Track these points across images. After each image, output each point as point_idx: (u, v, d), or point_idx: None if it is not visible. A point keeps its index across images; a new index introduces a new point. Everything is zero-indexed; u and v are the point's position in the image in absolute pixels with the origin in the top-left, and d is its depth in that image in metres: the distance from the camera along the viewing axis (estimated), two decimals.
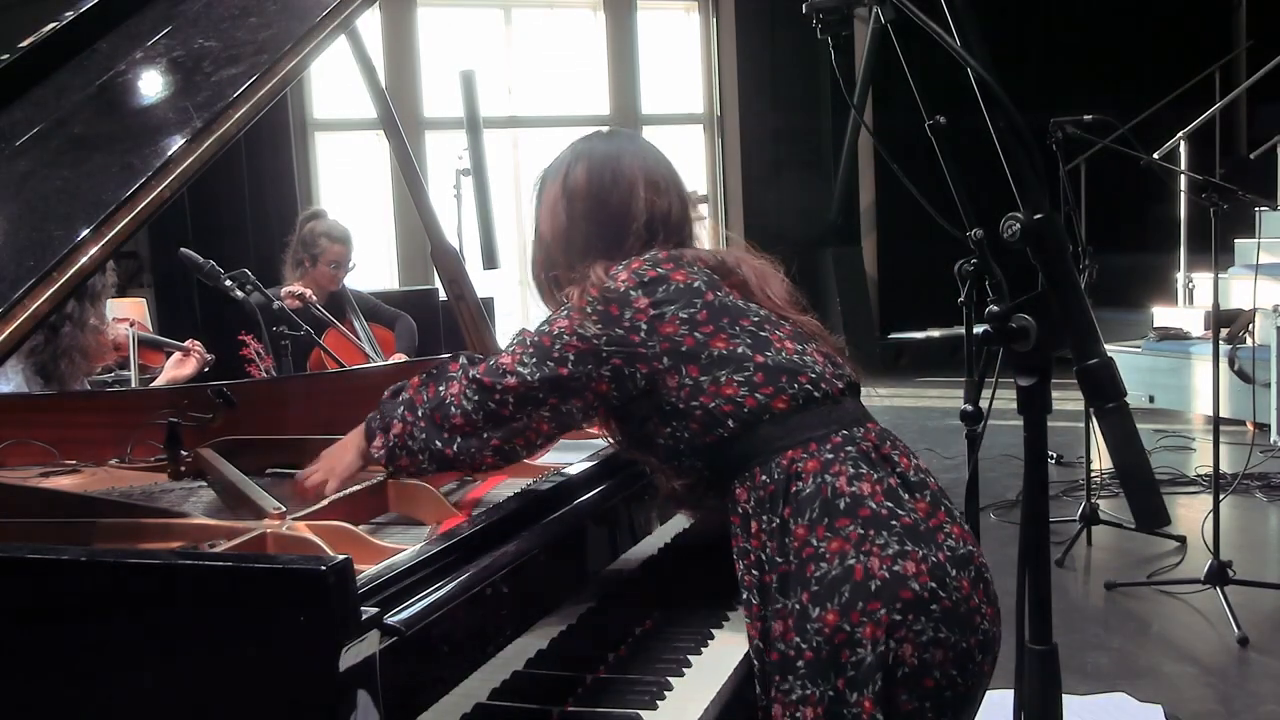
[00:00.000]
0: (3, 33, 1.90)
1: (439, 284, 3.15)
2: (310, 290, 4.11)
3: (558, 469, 1.90)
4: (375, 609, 1.22)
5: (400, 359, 4.14)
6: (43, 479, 2.13)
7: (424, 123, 8.51)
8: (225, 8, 1.94)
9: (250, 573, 1.20)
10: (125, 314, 3.66)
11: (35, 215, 1.59)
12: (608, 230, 1.78)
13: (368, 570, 1.33)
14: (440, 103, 8.43)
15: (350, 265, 4.41)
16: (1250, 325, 6.37)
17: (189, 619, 1.20)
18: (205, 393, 2.35)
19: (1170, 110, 6.40)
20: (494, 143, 7.62)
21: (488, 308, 3.36)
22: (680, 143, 9.52)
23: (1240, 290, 6.54)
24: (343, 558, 1.17)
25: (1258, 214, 7.11)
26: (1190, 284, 7.51)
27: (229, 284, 3.37)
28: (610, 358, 1.65)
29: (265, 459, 2.19)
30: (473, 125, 5.20)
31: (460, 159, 5.25)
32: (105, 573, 1.24)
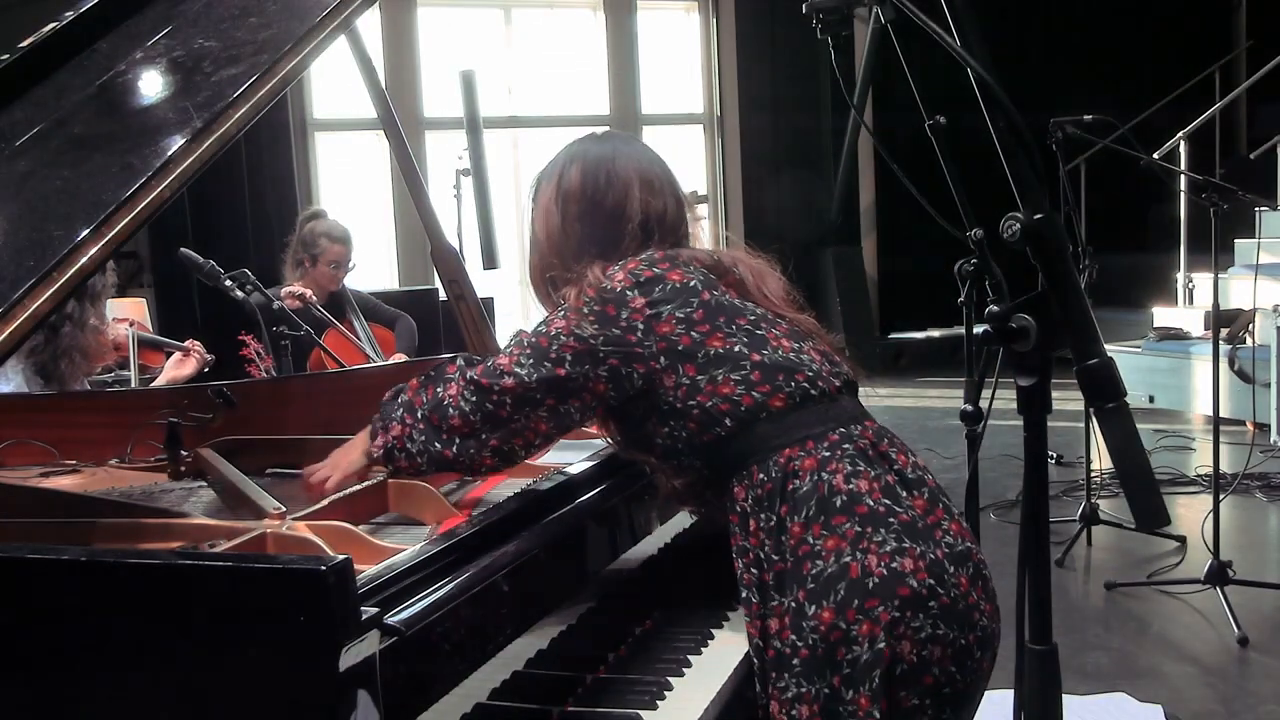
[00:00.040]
0: (3, 33, 1.90)
1: (439, 284, 3.15)
2: (310, 290, 4.11)
3: (558, 469, 1.90)
4: (375, 609, 1.22)
5: (400, 359, 4.14)
6: (43, 479, 2.13)
7: (424, 123, 8.50)
8: (225, 8, 1.94)
9: (250, 573, 1.20)
10: (125, 314, 3.66)
11: (35, 215, 1.59)
12: (603, 231, 1.78)
13: (368, 570, 1.33)
14: (440, 103, 8.42)
15: (350, 265, 4.41)
16: (1250, 325, 6.37)
17: (189, 619, 1.20)
18: (205, 393, 2.35)
19: (1170, 110, 6.40)
20: (494, 143, 7.62)
21: (488, 308, 3.35)
22: (680, 143, 9.51)
23: (1240, 290, 6.54)
24: (343, 558, 1.17)
25: (1258, 214, 7.12)
26: (1190, 284, 7.50)
27: (229, 284, 3.36)
28: (607, 358, 1.65)
29: (265, 459, 2.19)
30: (473, 125, 5.19)
31: (460, 159, 5.24)
32: (105, 573, 1.24)
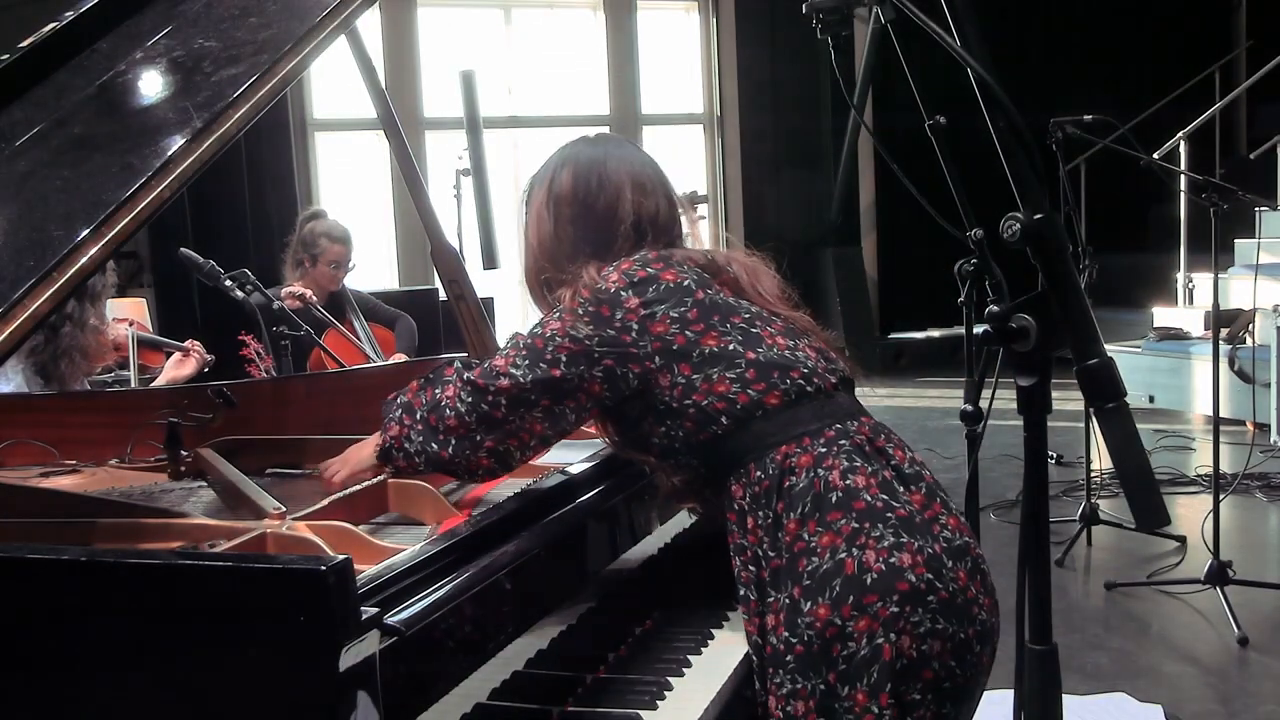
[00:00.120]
0: (3, 33, 1.90)
1: (439, 284, 3.14)
2: (310, 290, 4.11)
3: (558, 469, 1.90)
4: (375, 609, 1.22)
5: (400, 359, 4.14)
6: (43, 479, 2.13)
7: (424, 123, 8.50)
8: (225, 8, 1.95)
9: (250, 573, 1.20)
10: (125, 314, 3.66)
11: (35, 215, 1.59)
12: (596, 233, 1.79)
13: (368, 570, 1.33)
14: (440, 103, 8.42)
15: (350, 265, 4.41)
16: (1250, 325, 6.37)
17: (189, 619, 1.20)
18: (205, 393, 2.35)
19: (1170, 110, 6.39)
20: (494, 143, 7.63)
21: (488, 308, 3.35)
22: (680, 143, 9.48)
23: (1240, 290, 6.54)
24: (343, 558, 1.17)
25: (1258, 214, 7.12)
26: (1190, 284, 7.50)
27: (229, 284, 3.36)
28: (602, 358, 1.65)
29: (265, 459, 2.20)
30: (473, 125, 5.18)
31: (460, 159, 5.24)
32: (105, 573, 1.24)
